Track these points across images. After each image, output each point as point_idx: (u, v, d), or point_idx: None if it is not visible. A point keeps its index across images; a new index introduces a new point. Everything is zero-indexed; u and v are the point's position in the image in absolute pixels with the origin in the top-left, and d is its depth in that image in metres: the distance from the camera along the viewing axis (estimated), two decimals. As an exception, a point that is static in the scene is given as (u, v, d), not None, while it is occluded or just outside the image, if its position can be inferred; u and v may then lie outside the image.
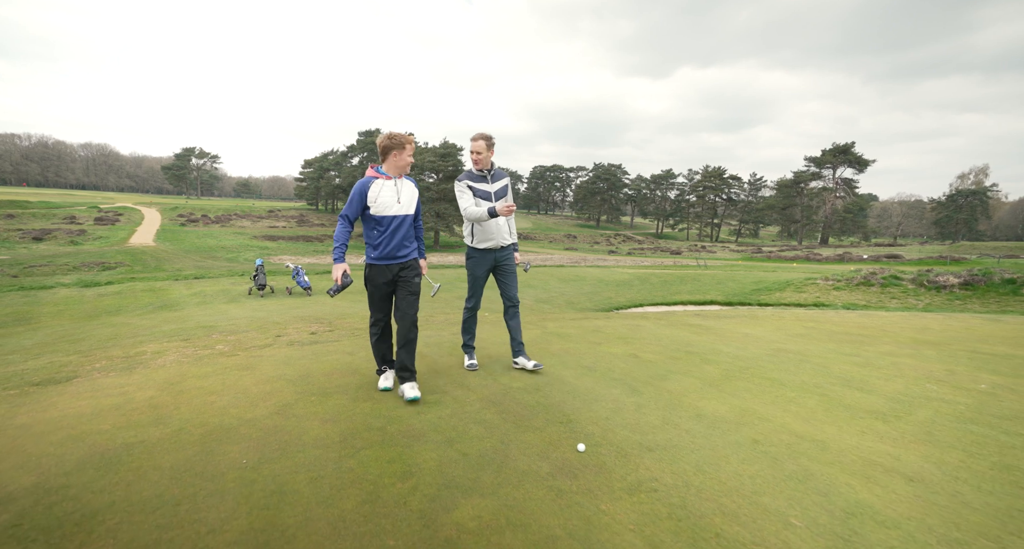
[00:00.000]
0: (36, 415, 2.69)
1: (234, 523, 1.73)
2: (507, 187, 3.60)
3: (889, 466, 2.24)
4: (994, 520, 1.82)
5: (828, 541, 1.70)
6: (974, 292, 11.93)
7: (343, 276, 2.82)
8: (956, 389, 3.34)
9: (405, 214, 3.00)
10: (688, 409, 2.91)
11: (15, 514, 1.74)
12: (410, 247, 3.06)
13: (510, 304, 3.66)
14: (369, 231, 2.98)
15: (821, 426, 2.69)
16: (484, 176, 3.50)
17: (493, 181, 3.52)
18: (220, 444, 2.34)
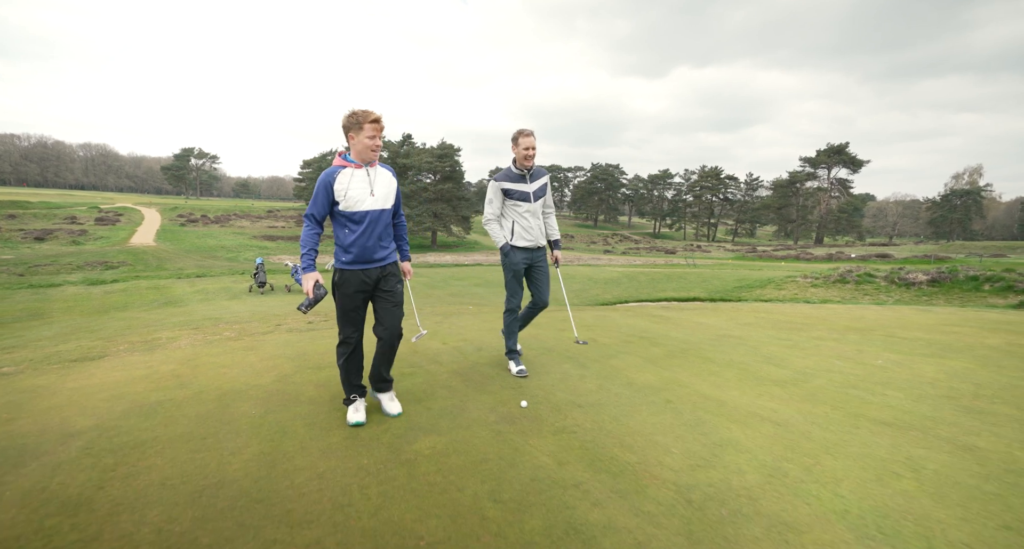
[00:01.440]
0: (81, 381, 3.27)
1: (248, 450, 2.31)
2: (546, 186, 3.46)
3: (765, 416, 2.82)
4: (821, 448, 2.40)
5: (694, 461, 2.28)
6: (940, 288, 12.54)
7: (315, 288, 2.43)
8: (856, 364, 3.92)
9: (381, 208, 2.54)
10: (622, 379, 3.49)
11: (86, 442, 2.32)
12: (388, 248, 2.63)
13: (539, 303, 3.56)
14: (339, 230, 2.53)
15: (728, 391, 3.27)
16: (523, 176, 3.33)
17: (532, 180, 3.35)
18: (233, 401, 2.92)
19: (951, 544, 1.69)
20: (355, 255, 2.51)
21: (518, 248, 3.39)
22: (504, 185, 3.34)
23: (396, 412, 2.69)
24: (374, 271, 2.57)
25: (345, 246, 2.52)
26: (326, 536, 1.69)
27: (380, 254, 2.58)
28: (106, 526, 1.71)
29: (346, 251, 2.51)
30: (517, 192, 3.33)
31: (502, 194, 3.36)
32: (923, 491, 2.02)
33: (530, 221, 3.38)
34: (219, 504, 1.86)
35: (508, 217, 3.41)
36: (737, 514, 1.86)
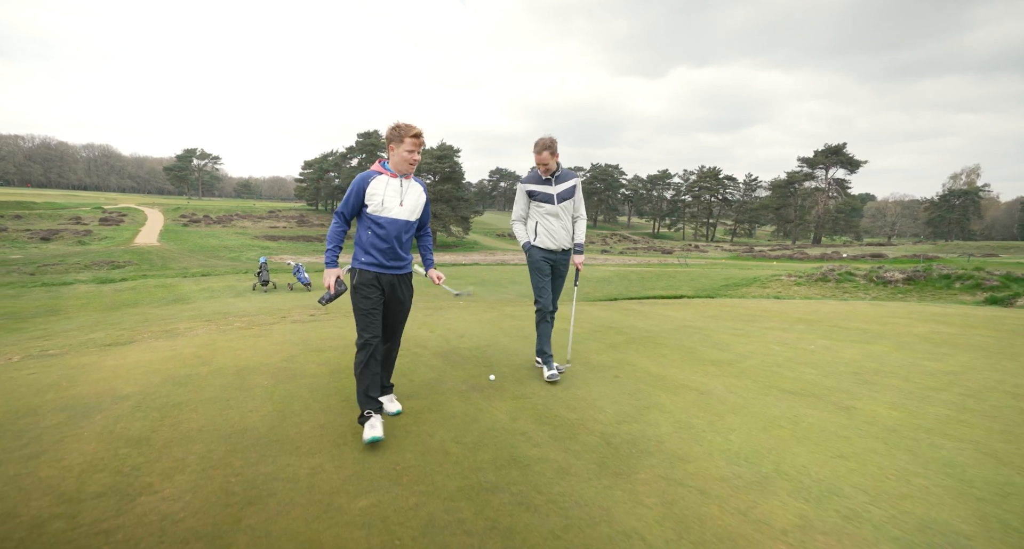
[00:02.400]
0: (119, 360, 3.84)
1: (263, 409, 2.88)
2: (574, 188, 3.47)
3: (694, 387, 3.37)
4: (729, 409, 2.96)
5: (622, 418, 2.83)
6: (915, 286, 13.07)
7: (336, 283, 2.53)
8: (790, 349, 4.48)
9: (406, 220, 2.62)
10: (581, 360, 4.05)
11: (135, 402, 2.89)
12: (406, 259, 2.70)
13: (551, 309, 3.54)
14: (362, 231, 2.60)
15: (670, 369, 3.83)
16: (549, 179, 3.42)
17: (557, 183, 3.42)
18: (249, 375, 3.49)
19: (794, 467, 2.25)
20: (373, 257, 2.56)
21: (539, 248, 3.44)
22: (529, 186, 3.42)
23: (395, 411, 2.79)
24: (388, 277, 2.61)
25: (365, 247, 2.58)
26: (325, 462, 2.25)
27: (397, 262, 2.63)
28: (163, 454, 2.27)
29: (365, 252, 2.57)
30: (540, 193, 3.39)
31: (527, 195, 3.44)
32: (792, 436, 2.58)
33: (553, 223, 3.39)
34: (244, 442, 2.42)
35: (532, 218, 3.46)
36: (643, 452, 2.42)
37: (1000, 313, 7.00)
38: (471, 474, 2.18)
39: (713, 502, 1.97)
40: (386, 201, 2.55)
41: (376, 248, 2.56)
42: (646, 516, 1.88)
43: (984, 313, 6.91)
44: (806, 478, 2.16)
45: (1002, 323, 5.73)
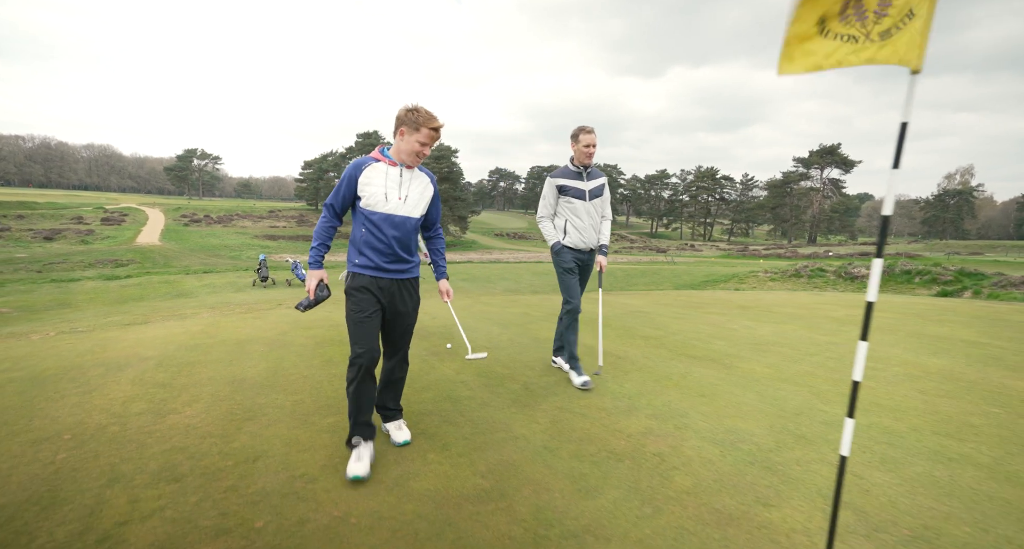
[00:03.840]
0: (139, 334, 4.57)
1: (259, 366, 3.59)
2: (603, 187, 3.34)
3: (618, 354, 4.08)
4: (635, 368, 3.67)
5: (544, 373, 3.54)
6: (880, 281, 13.79)
7: (318, 288, 2.18)
8: (716, 327, 5.20)
9: (407, 215, 2.21)
10: (531, 335, 4.77)
11: (156, 361, 3.62)
12: (410, 262, 2.28)
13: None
14: (356, 228, 2.22)
15: (605, 342, 4.54)
16: (580, 173, 3.25)
17: (589, 179, 3.26)
18: (247, 344, 4.21)
19: (662, 402, 2.97)
20: (368, 259, 2.18)
21: (570, 248, 3.28)
22: (560, 181, 3.24)
23: (402, 441, 2.35)
24: (387, 282, 2.21)
25: (359, 246, 2.20)
26: (305, 397, 2.97)
27: (395, 266, 2.22)
28: (182, 393, 3.00)
29: (360, 252, 2.20)
30: (572, 189, 3.23)
31: (557, 191, 3.27)
32: (675, 385, 3.30)
33: (584, 221, 3.24)
34: (244, 386, 3.14)
35: (561, 216, 3.29)
36: (552, 394, 3.13)
37: (928, 301, 7.73)
38: (415, 405, 2.90)
39: (588, 420, 2.69)
40: (382, 192, 2.16)
41: (372, 248, 2.17)
42: (535, 428, 2.60)
43: (909, 301, 7.64)
44: (665, 408, 2.88)
45: (912, 308, 6.46)
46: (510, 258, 35.72)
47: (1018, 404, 2.94)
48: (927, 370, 3.61)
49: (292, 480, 2.04)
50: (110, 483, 1.98)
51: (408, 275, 2.31)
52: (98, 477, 2.03)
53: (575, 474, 2.13)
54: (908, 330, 5.02)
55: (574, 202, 3.26)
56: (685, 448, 2.39)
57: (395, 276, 2.25)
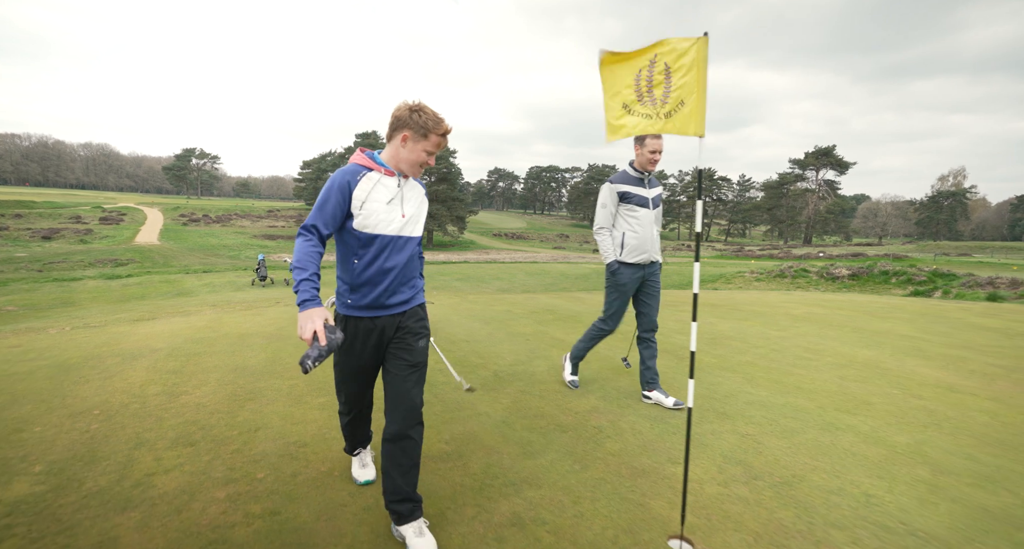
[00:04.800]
0: (148, 329, 4.99)
1: (260, 355, 4.02)
2: (660, 196, 3.11)
3: (566, 343, 4.51)
4: (597, 358, 4.11)
5: (514, 362, 3.97)
6: (858, 281, 14.29)
7: (328, 330, 1.58)
8: (683, 324, 5.63)
9: (409, 236, 1.82)
10: (509, 329, 5.20)
11: (166, 352, 4.04)
12: (413, 290, 1.89)
13: (648, 330, 3.13)
14: (347, 257, 1.78)
15: (570, 335, 4.97)
16: (642, 179, 2.99)
17: (650, 186, 3.01)
18: (248, 337, 4.63)
19: (611, 384, 3.40)
20: (365, 295, 1.76)
21: (628, 265, 3.00)
22: (622, 188, 2.97)
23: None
24: (388, 320, 1.81)
25: (353, 282, 1.76)
26: (299, 382, 3.39)
27: (397, 297, 1.82)
28: (192, 377, 3.42)
29: (354, 289, 1.76)
30: (636, 196, 2.96)
31: (618, 198, 2.99)
32: (628, 374, 3.73)
33: (647, 231, 2.98)
34: (246, 372, 3.57)
35: (619, 227, 3.02)
36: (517, 379, 3.56)
37: (888, 300, 8.19)
38: (395, 388, 3.33)
39: (543, 400, 3.13)
40: (381, 209, 1.73)
41: (370, 283, 1.74)
42: (497, 407, 3.03)
43: (871, 299, 8.10)
44: (614, 392, 3.31)
45: (867, 306, 6.92)
46: (506, 258, 36.13)
47: (916, 387, 3.39)
48: (853, 360, 4.06)
49: (287, 445, 2.46)
50: (137, 446, 2.41)
51: (414, 303, 1.87)
52: (126, 442, 2.45)
53: (523, 441, 2.56)
54: (853, 326, 5.47)
55: (638, 211, 2.97)
56: (622, 423, 2.82)
57: (396, 310, 1.81)
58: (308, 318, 1.57)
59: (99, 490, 2.02)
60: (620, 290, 3.04)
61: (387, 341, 1.84)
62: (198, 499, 1.97)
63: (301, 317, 1.57)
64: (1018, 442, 2.60)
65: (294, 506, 1.94)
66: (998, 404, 3.11)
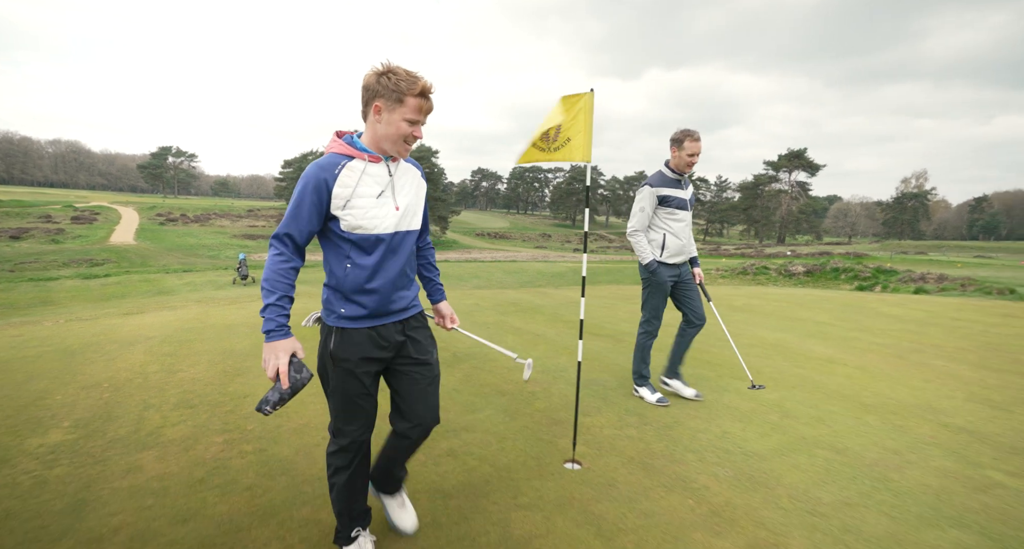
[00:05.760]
0: (139, 321, 5.41)
1: (246, 341, 4.51)
2: (695, 195, 3.11)
3: (530, 331, 5.12)
4: (544, 342, 4.72)
5: (473, 347, 4.55)
6: (812, 278, 15.31)
7: (292, 369, 1.38)
8: (632, 315, 6.29)
9: (407, 230, 1.55)
10: (473, 319, 5.77)
11: (159, 340, 4.50)
12: (413, 290, 1.65)
13: (696, 321, 3.19)
14: (335, 262, 1.50)
15: (531, 325, 5.58)
16: (680, 180, 3.03)
17: (685, 187, 3.06)
18: (234, 327, 5.11)
19: (556, 365, 4.01)
20: (362, 306, 1.51)
21: (666, 265, 3.06)
22: (662, 191, 2.99)
23: (409, 527, 1.76)
24: (393, 328, 1.57)
25: (347, 290, 1.50)
26: (283, 362, 3.92)
27: (402, 301, 1.58)
28: (185, 359, 3.90)
29: (348, 298, 1.50)
30: (676, 199, 2.99)
31: (657, 201, 3.02)
32: (570, 353, 4.34)
33: (684, 233, 3.07)
34: (234, 354, 4.06)
35: (658, 228, 3.04)
36: (474, 358, 4.14)
37: (824, 293, 9.05)
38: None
39: (491, 375, 3.71)
40: (369, 203, 1.46)
41: (364, 291, 1.50)
42: (451, 379, 3.60)
43: (806, 293, 8.94)
44: (553, 367, 3.92)
45: (801, 299, 7.72)
46: (487, 257, 36.68)
47: (803, 360, 4.09)
48: (763, 341, 4.76)
49: (272, 407, 3.00)
50: (145, 409, 2.91)
51: (415, 310, 1.64)
52: (136, 406, 2.95)
53: (467, 403, 3.14)
54: (780, 314, 6.21)
55: (677, 213, 3.02)
56: (554, 389, 3.43)
57: (399, 317, 1.58)
58: (272, 352, 1.35)
59: (120, 438, 2.53)
60: (660, 289, 3.09)
61: (391, 354, 1.56)
62: (201, 442, 2.50)
63: (266, 350, 1.36)
64: (853, 394, 3.30)
65: (278, 446, 2.48)
66: (859, 371, 3.83)
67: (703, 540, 1.80)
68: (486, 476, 2.24)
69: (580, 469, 2.32)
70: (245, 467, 2.26)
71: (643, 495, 2.10)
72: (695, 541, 1.79)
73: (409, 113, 1.42)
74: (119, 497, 1.99)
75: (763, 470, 2.31)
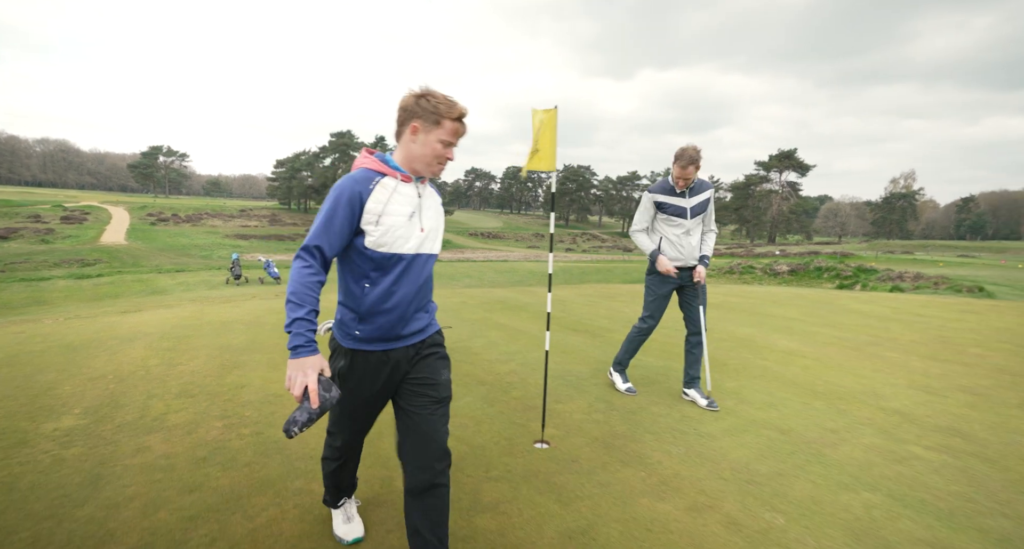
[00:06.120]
0: (137, 319, 5.60)
1: (241, 337, 4.72)
2: (708, 202, 3.13)
3: (511, 327, 5.38)
4: (525, 336, 4.97)
5: (455, 341, 4.80)
6: (796, 276, 15.74)
7: (321, 387, 1.33)
8: (613, 312, 6.57)
9: (430, 253, 1.57)
10: (459, 316, 6.01)
11: (158, 335, 4.71)
12: (429, 315, 1.64)
13: (691, 328, 3.21)
14: (352, 282, 1.49)
15: (515, 321, 5.83)
16: (682, 191, 3.09)
17: (691, 195, 3.09)
18: (230, 324, 5.31)
19: (536, 358, 4.26)
20: (376, 326, 1.49)
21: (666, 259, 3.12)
22: (658, 197, 3.10)
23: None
24: (403, 352, 1.55)
25: (362, 310, 1.48)
26: (276, 356, 4.13)
27: (416, 324, 1.57)
28: (184, 353, 4.12)
29: (362, 319, 1.49)
30: (672, 206, 3.07)
31: (655, 207, 3.11)
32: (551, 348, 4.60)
33: (682, 240, 3.09)
34: (231, 350, 4.28)
35: (657, 232, 3.15)
36: (458, 352, 4.38)
37: (799, 292, 9.39)
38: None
39: (473, 366, 3.96)
40: (398, 222, 1.46)
41: (382, 311, 1.48)
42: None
43: (783, 290, 9.27)
44: (533, 359, 4.18)
45: (776, 297, 8.04)
46: (479, 257, 36.89)
47: (767, 353, 4.38)
48: (732, 335, 5.05)
49: (267, 396, 3.22)
50: (149, 398, 3.13)
51: (431, 330, 1.63)
52: (140, 395, 3.17)
53: (451, 391, 3.39)
54: (753, 311, 6.52)
55: (675, 220, 3.08)
56: (530, 380, 3.68)
57: (415, 339, 1.57)
58: (300, 369, 1.31)
59: (127, 423, 2.75)
60: (658, 286, 3.15)
61: (401, 376, 1.55)
62: (202, 426, 2.73)
63: (291, 366, 1.31)
64: (806, 382, 3.58)
65: (273, 429, 2.72)
66: (816, 362, 4.12)
67: (648, 504, 2.06)
68: (462, 454, 2.48)
69: (548, 448, 2.58)
70: (243, 447, 2.50)
71: (601, 469, 2.36)
72: (641, 505, 2.06)
73: (445, 135, 1.47)
74: (131, 472, 2.22)
75: (712, 448, 2.58)
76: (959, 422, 2.91)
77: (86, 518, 1.88)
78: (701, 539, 1.84)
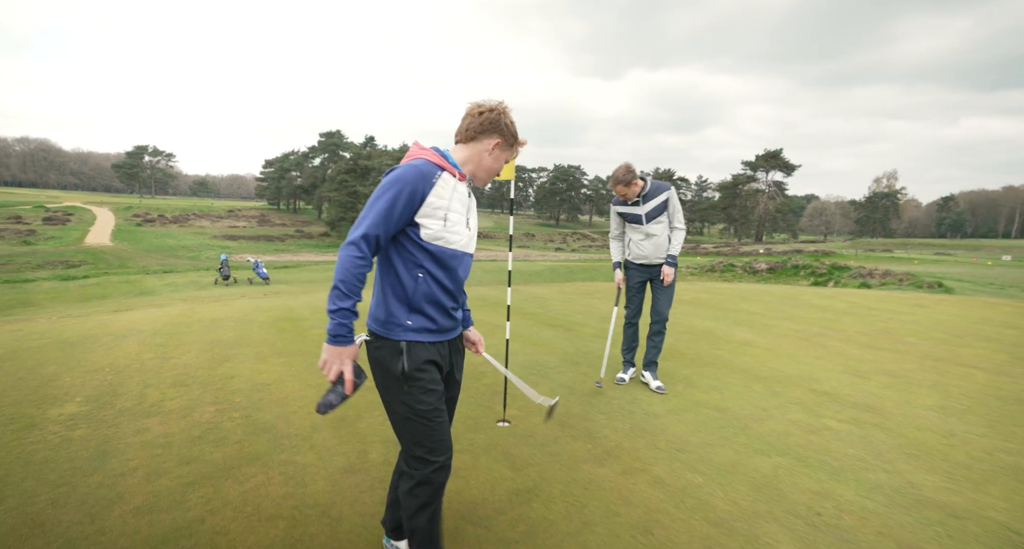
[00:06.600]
0: (129, 317, 5.81)
1: (231, 333, 4.97)
2: (665, 202, 3.45)
3: (492, 324, 5.69)
4: (509, 333, 5.29)
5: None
6: (774, 274, 16.26)
7: (355, 375, 1.40)
8: (588, 308, 6.91)
9: (471, 252, 1.61)
10: (443, 314, 6.31)
11: (151, 332, 4.94)
12: (464, 308, 1.72)
13: (652, 316, 3.57)
14: (406, 272, 1.47)
15: (494, 318, 6.14)
16: (635, 201, 3.49)
17: (645, 202, 3.48)
18: (220, 321, 5.55)
19: (511, 351, 4.58)
20: (430, 319, 1.50)
21: (634, 266, 3.61)
22: (618, 209, 3.60)
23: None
24: (448, 346, 1.62)
25: (416, 301, 1.48)
26: (264, 350, 4.40)
27: (456, 320, 1.63)
28: (177, 348, 4.36)
29: (416, 310, 1.48)
30: (630, 214, 3.55)
31: (619, 216, 3.64)
32: (524, 340, 4.92)
33: (645, 241, 3.53)
34: (221, 344, 4.53)
35: (627, 235, 3.68)
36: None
37: (768, 288, 9.83)
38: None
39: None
40: (457, 218, 1.51)
41: (432, 302, 1.50)
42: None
43: (755, 287, 9.70)
44: (500, 348, 4.49)
45: (745, 293, 8.46)
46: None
47: (723, 344, 4.74)
48: (694, 328, 5.42)
49: (255, 385, 3.50)
50: (145, 387, 3.39)
51: (458, 332, 1.69)
52: (137, 384, 3.42)
53: (426, 379, 3.69)
54: (720, 306, 6.90)
55: (636, 226, 3.56)
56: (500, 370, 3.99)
57: (453, 335, 1.63)
58: (337, 357, 1.37)
59: (126, 409, 3.01)
60: (630, 285, 3.69)
61: (445, 372, 1.60)
62: (196, 411, 3.00)
63: (329, 352, 1.36)
64: (752, 369, 3.94)
65: (261, 413, 3.00)
66: (766, 351, 4.50)
67: (589, 469, 2.39)
68: (431, 431, 2.79)
69: (508, 426, 2.90)
70: (234, 427, 2.78)
71: (553, 442, 2.68)
72: (583, 470, 2.38)
73: (510, 156, 1.61)
74: (133, 448, 2.49)
75: (655, 424, 2.91)
76: (873, 399, 3.29)
77: (96, 484, 2.15)
78: (629, 494, 2.17)
